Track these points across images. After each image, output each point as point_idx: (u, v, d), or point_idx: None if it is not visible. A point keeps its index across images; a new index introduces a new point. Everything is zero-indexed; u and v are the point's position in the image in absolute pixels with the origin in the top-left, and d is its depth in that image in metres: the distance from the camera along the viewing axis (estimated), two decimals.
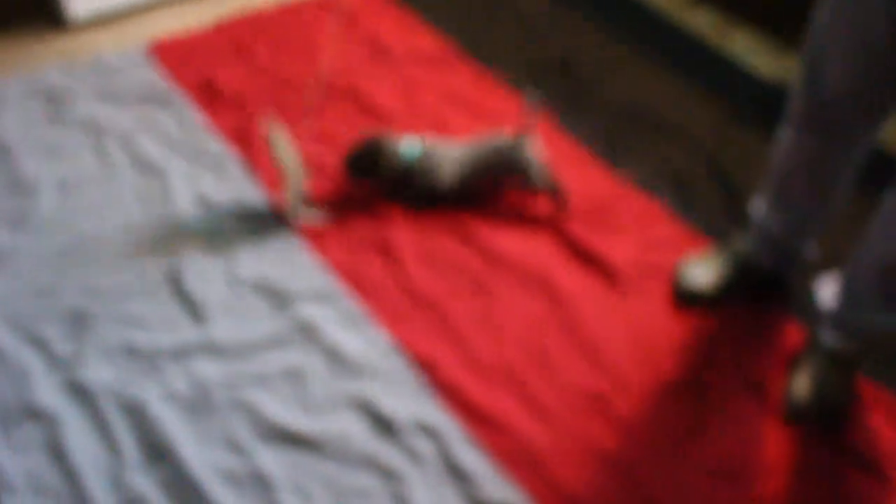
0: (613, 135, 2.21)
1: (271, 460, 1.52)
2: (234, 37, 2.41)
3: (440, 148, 1.95)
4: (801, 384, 1.68)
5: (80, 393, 1.59)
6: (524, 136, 1.92)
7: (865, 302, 1.65)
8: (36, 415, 1.56)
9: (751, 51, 2.52)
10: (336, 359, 1.67)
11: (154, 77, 2.25)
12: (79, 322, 1.71)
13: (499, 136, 1.95)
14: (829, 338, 1.71)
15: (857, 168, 1.63)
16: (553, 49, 2.46)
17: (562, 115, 2.26)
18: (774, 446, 1.62)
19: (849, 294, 1.67)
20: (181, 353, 1.66)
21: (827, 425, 1.66)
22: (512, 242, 1.91)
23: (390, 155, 1.91)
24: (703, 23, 2.61)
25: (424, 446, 1.55)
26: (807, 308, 1.82)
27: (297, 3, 2.57)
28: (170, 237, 1.87)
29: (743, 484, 1.55)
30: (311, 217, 1.88)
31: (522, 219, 1.97)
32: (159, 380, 1.62)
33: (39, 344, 1.67)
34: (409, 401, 1.61)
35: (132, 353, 1.66)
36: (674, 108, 2.30)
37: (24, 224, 1.88)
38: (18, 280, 1.77)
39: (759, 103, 2.35)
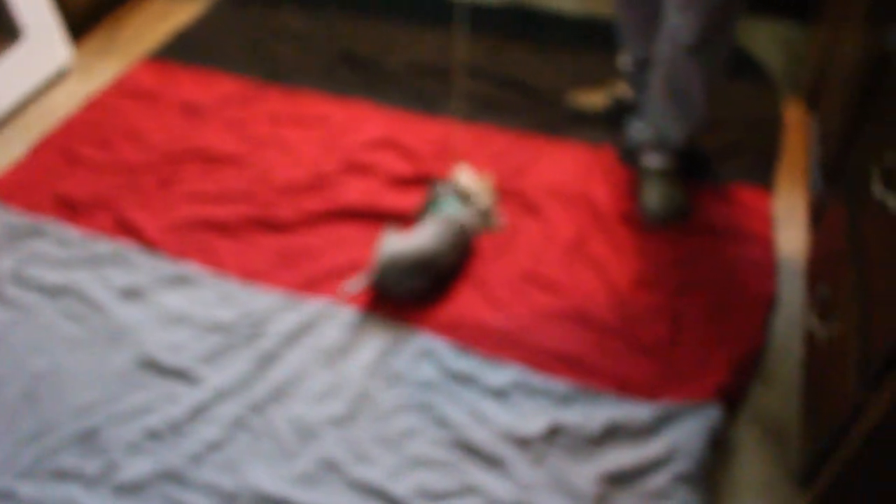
0: (414, 91, 2.38)
1: (327, 445, 1.57)
2: (57, 150, 2.27)
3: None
4: (648, 200, 1.94)
5: (130, 490, 1.53)
6: None
7: (660, 116, 1.88)
8: None
9: None
10: (321, 347, 1.74)
11: (9, 217, 2.07)
12: (89, 439, 1.60)
13: None
14: (651, 161, 1.99)
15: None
16: (335, 48, 2.59)
17: (366, 94, 2.39)
18: (658, 254, 1.87)
19: (650, 116, 1.91)
20: (197, 412, 1.64)
21: (678, 221, 1.93)
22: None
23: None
24: None
25: (428, 372, 1.67)
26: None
27: (97, 98, 2.45)
28: (119, 334, 1.79)
29: (658, 289, 1.81)
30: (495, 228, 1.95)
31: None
32: (192, 439, 1.59)
33: (67, 475, 1.56)
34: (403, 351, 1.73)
35: (153, 435, 1.60)
36: (440, 54, 2.51)
37: None
38: (4, 440, 1.63)
39: (504, 27, 2.62)
